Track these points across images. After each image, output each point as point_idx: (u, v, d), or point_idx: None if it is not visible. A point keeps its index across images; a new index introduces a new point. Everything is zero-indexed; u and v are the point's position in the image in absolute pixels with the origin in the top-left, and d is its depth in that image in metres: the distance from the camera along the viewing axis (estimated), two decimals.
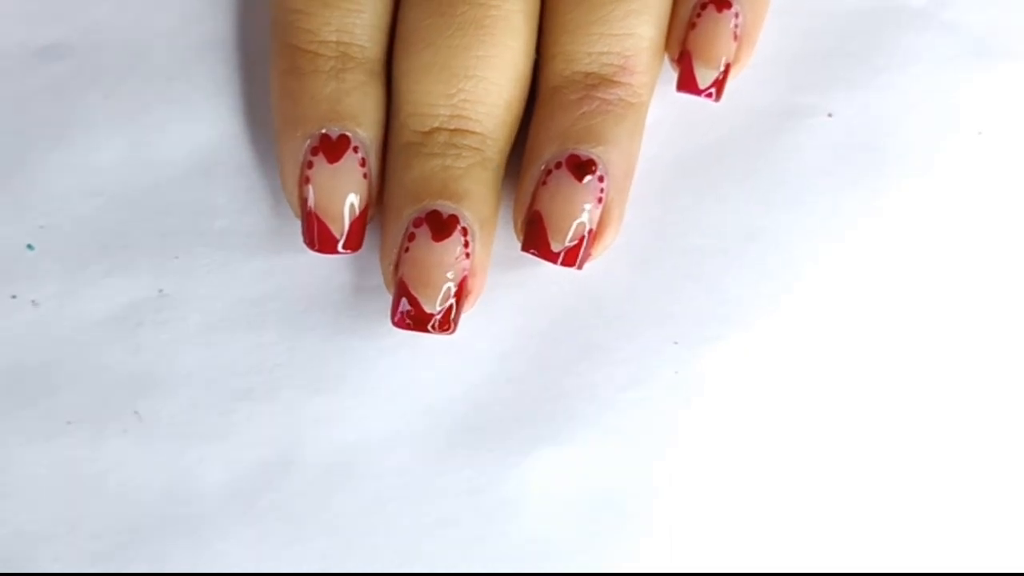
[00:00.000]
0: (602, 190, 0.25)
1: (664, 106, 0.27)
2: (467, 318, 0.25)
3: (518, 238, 0.26)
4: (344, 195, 0.25)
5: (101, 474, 0.26)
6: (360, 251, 0.25)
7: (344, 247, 0.25)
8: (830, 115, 0.28)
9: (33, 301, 0.26)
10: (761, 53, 0.27)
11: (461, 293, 0.25)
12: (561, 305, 0.27)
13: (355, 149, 0.25)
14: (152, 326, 0.26)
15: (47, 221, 0.27)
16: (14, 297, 0.26)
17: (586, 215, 0.25)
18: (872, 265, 0.27)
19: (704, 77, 0.26)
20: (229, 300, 0.27)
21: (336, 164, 0.25)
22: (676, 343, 0.27)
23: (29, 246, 0.26)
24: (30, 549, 0.25)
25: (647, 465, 0.27)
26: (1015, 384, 0.27)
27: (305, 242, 0.25)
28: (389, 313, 0.25)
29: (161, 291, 0.26)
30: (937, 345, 0.27)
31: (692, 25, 0.26)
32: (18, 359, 0.26)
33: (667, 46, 0.26)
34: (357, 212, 0.25)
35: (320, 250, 0.25)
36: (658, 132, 0.27)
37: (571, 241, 0.25)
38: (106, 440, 0.26)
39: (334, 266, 0.27)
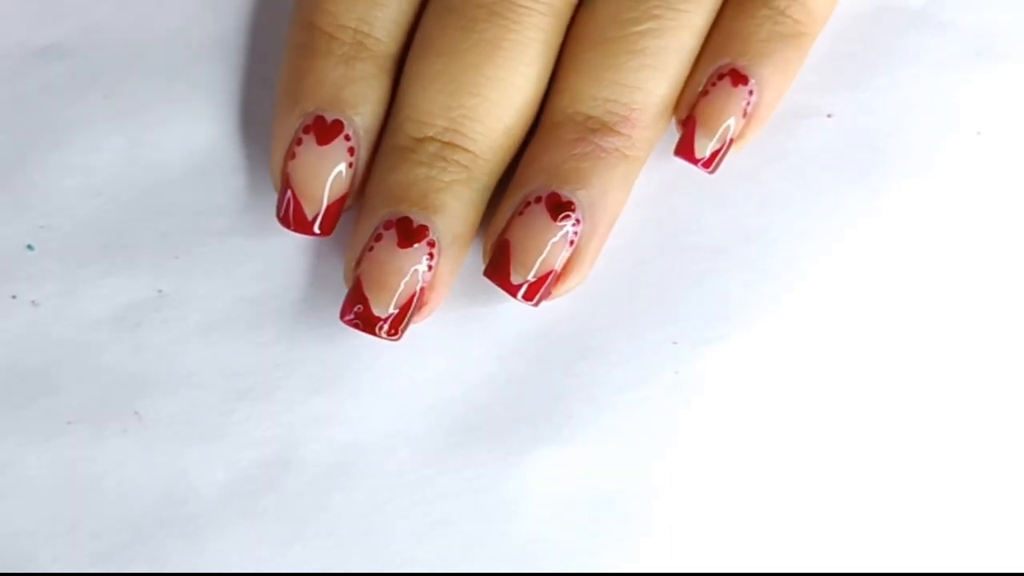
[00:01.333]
0: (576, 233, 0.25)
1: None
2: (467, 319, 0.26)
3: (483, 261, 0.26)
4: (325, 178, 0.25)
5: (101, 474, 0.26)
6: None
7: (318, 229, 0.25)
8: (830, 115, 0.28)
9: (33, 301, 0.26)
10: None
11: (415, 303, 0.25)
12: (560, 305, 0.27)
13: (347, 137, 0.25)
14: (152, 326, 0.26)
15: (47, 221, 0.27)
16: (14, 297, 0.26)
17: (553, 255, 0.25)
18: (872, 265, 0.27)
19: (702, 147, 0.26)
20: (229, 300, 0.27)
21: (325, 147, 0.25)
22: (676, 343, 0.27)
23: (29, 246, 0.26)
24: (30, 549, 0.25)
25: (647, 465, 0.27)
26: (1015, 384, 0.27)
27: (278, 218, 0.25)
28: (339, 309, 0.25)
29: (161, 291, 0.26)
30: (937, 344, 0.27)
31: (704, 92, 0.25)
32: (18, 359, 0.26)
33: (676, 107, 0.26)
34: (336, 197, 0.25)
35: (294, 228, 0.25)
36: None
37: (533, 277, 0.25)
38: (106, 440, 0.26)
39: (334, 266, 0.27)
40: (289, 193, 0.25)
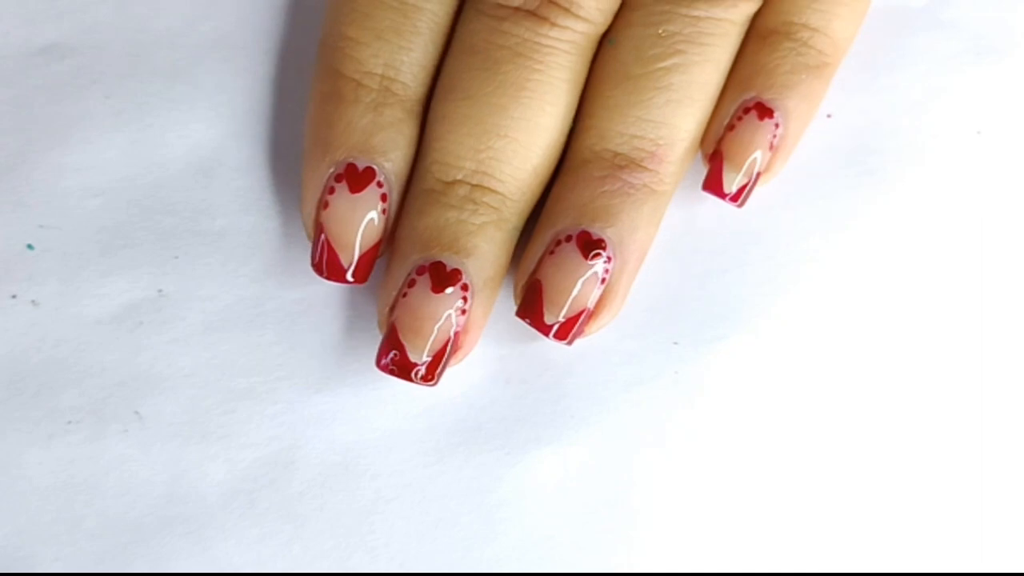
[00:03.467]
0: (607, 271, 0.25)
1: None
2: None
3: (515, 302, 0.26)
4: (359, 225, 0.25)
5: (102, 474, 0.26)
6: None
7: (351, 276, 0.25)
8: (830, 116, 0.28)
9: (33, 301, 0.26)
10: None
11: (449, 348, 0.25)
12: None
13: (379, 184, 0.25)
14: (152, 326, 0.26)
15: (47, 221, 0.27)
16: (14, 297, 0.26)
17: (585, 293, 0.25)
18: (872, 265, 0.27)
19: (730, 181, 0.26)
20: (229, 300, 0.27)
21: (357, 195, 0.25)
22: (676, 343, 0.27)
23: (29, 246, 0.26)
24: (30, 549, 0.25)
25: (647, 465, 0.27)
26: (1015, 384, 0.27)
27: (312, 266, 0.25)
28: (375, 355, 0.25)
29: (161, 291, 0.26)
30: (936, 345, 0.27)
31: (731, 127, 0.25)
32: (18, 359, 0.26)
33: (703, 141, 0.26)
34: (369, 245, 0.25)
35: (328, 277, 0.25)
36: None
37: (565, 316, 0.25)
38: (107, 440, 0.26)
39: None
40: (323, 241, 0.25)
